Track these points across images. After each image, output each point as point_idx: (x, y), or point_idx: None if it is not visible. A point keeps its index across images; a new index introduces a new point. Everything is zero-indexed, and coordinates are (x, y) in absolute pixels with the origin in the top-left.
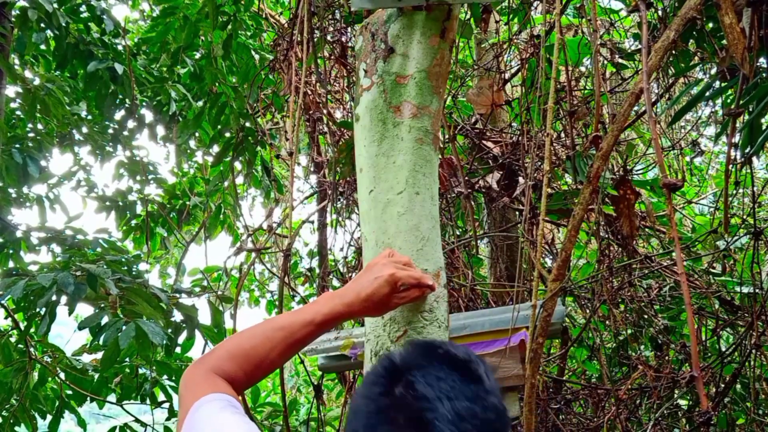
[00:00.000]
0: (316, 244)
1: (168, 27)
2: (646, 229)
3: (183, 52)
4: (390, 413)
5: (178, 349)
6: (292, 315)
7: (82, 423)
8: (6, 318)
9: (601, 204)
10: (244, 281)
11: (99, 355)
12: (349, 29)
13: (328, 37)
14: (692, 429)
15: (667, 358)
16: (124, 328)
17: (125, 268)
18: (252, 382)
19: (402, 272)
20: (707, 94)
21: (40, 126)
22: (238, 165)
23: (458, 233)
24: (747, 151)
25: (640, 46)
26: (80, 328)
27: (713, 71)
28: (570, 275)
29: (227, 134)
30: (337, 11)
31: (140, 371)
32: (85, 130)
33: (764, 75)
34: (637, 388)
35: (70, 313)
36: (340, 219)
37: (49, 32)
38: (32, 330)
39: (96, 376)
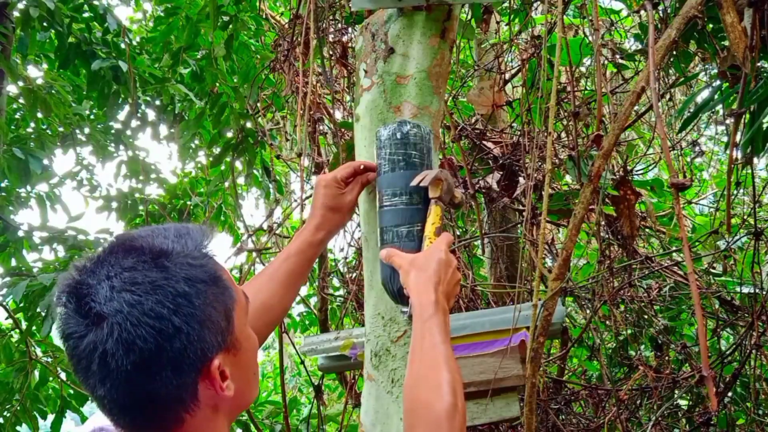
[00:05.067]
0: None
1: (171, 27)
2: (647, 230)
3: (184, 52)
4: (65, 309)
5: None
6: (273, 262)
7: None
8: (6, 318)
9: (601, 204)
10: (244, 281)
11: None
12: (349, 29)
13: (329, 38)
14: (692, 429)
15: (667, 358)
16: None
17: None
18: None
19: (333, 171)
20: (715, 98)
21: (42, 126)
22: (238, 165)
23: (458, 233)
24: (748, 151)
25: (640, 47)
26: None
27: (713, 72)
28: (570, 275)
29: (228, 134)
30: (337, 12)
31: None
32: (87, 130)
33: (766, 75)
34: (637, 389)
35: None
36: None
37: (51, 32)
38: (33, 329)
39: None
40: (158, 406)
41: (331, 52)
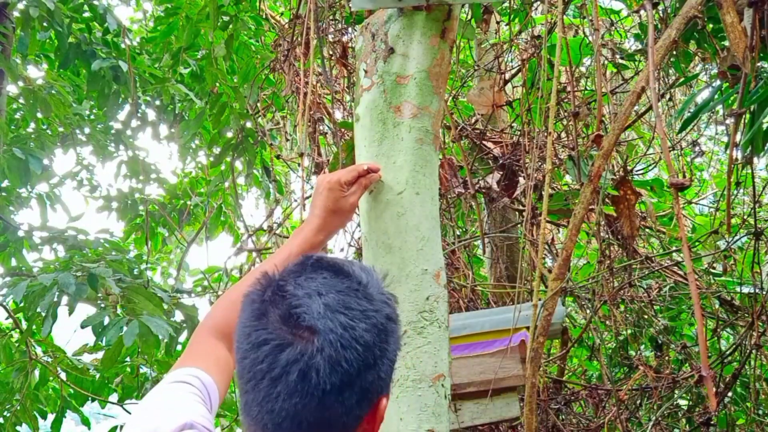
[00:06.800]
0: None
1: (171, 27)
2: (647, 230)
3: (184, 52)
4: (263, 316)
5: (178, 348)
6: (272, 258)
7: (85, 421)
8: (6, 318)
9: (601, 204)
10: None
11: (100, 354)
12: (349, 29)
13: (329, 38)
14: (692, 429)
15: (667, 358)
16: (125, 328)
17: (126, 268)
18: None
19: (337, 174)
20: (715, 98)
21: (42, 126)
22: (238, 165)
23: (458, 233)
24: (748, 151)
25: (640, 47)
26: (83, 326)
27: (713, 72)
28: (570, 275)
29: (228, 134)
30: (337, 12)
31: (141, 370)
32: (87, 130)
33: (766, 75)
34: (637, 389)
35: (70, 314)
36: None
37: (51, 32)
38: (33, 329)
39: (97, 376)
40: (326, 431)
41: (331, 52)
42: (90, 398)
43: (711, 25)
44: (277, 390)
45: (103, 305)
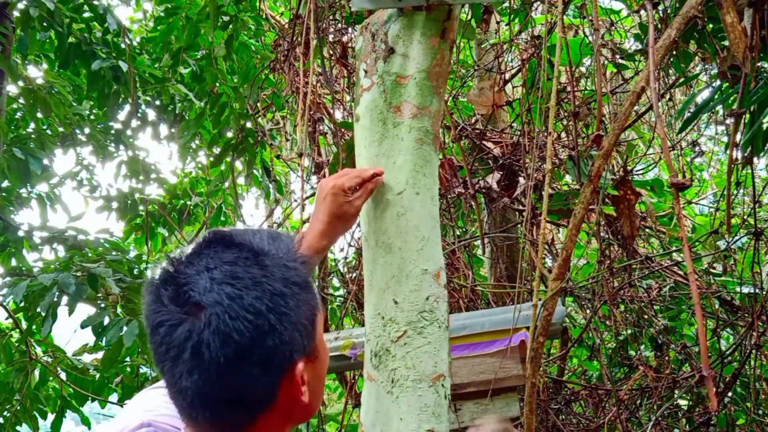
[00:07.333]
0: None
1: (171, 27)
2: (647, 230)
3: (184, 52)
4: (158, 298)
5: None
6: None
7: (85, 421)
8: (6, 318)
9: (601, 204)
10: None
11: (100, 354)
12: (349, 29)
13: (329, 38)
14: (692, 429)
15: (667, 358)
16: (125, 328)
17: (126, 268)
18: None
19: (342, 178)
20: (715, 98)
21: (42, 126)
22: (238, 165)
23: (458, 234)
24: (748, 151)
25: (640, 47)
26: (83, 326)
27: (713, 72)
28: (570, 275)
29: (228, 134)
30: (337, 12)
31: (141, 370)
32: (87, 130)
33: (766, 75)
34: (637, 389)
35: (70, 314)
36: None
37: (51, 32)
38: (33, 329)
39: (97, 376)
40: (239, 403)
41: (331, 52)
42: (90, 398)
43: (711, 25)
44: (179, 370)
45: (103, 305)
